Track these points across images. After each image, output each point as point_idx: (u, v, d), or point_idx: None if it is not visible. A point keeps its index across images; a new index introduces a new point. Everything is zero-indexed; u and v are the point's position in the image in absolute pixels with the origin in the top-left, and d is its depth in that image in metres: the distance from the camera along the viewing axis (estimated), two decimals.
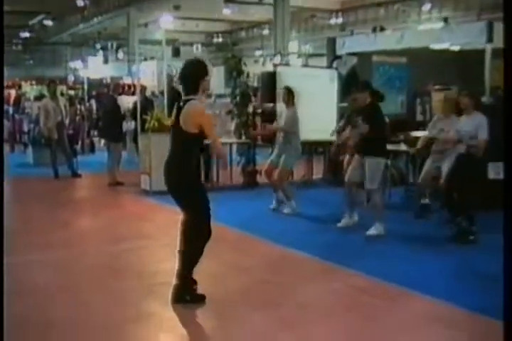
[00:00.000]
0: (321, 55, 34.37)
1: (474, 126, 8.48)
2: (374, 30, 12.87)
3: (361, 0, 31.97)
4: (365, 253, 7.98)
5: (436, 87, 13.13)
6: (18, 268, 7.05)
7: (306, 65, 17.54)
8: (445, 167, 9.43)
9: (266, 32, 35.31)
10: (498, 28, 11.01)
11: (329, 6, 32.91)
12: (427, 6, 29.39)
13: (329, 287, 6.57)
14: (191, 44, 35.40)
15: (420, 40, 12.50)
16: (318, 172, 14.30)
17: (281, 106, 11.24)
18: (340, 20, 33.61)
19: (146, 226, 9.67)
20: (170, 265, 6.62)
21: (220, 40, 41.85)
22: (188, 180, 5.86)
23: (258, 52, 32.85)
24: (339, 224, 9.29)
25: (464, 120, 8.78)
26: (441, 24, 24.38)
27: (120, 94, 14.31)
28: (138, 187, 12.56)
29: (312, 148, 13.99)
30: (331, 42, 14.17)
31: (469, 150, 8.50)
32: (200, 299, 5.86)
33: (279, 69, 13.41)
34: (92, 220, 10.30)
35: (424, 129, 11.71)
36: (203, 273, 6.00)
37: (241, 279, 6.58)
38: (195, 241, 5.90)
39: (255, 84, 16.18)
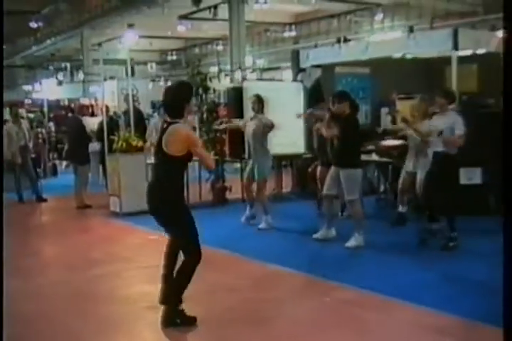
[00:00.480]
0: (276, 68, 34.55)
1: (450, 123, 8.47)
2: (338, 41, 12.83)
3: (314, 12, 32.05)
4: (348, 265, 7.94)
5: (400, 96, 13.18)
6: None
7: (272, 79, 17.55)
8: (420, 172, 9.48)
9: (220, 48, 35.25)
10: (463, 34, 11.14)
11: (282, 19, 32.96)
12: (379, 16, 29.55)
13: (318, 301, 6.50)
14: (145, 63, 35.13)
15: (385, 49, 12.54)
16: (286, 185, 14.21)
17: (246, 119, 11.21)
18: (293, 33, 33.69)
19: (120, 248, 9.49)
20: (151, 288, 6.53)
21: (175, 57, 41.73)
22: (173, 201, 5.70)
23: (212, 69, 32.70)
24: (315, 235, 9.22)
25: (438, 119, 8.75)
26: (396, 33, 24.69)
27: (84, 115, 14.02)
28: (107, 209, 12.34)
29: (280, 162, 13.91)
30: (295, 55, 14.18)
31: (446, 149, 8.47)
32: (192, 321, 5.73)
33: (245, 84, 13.35)
34: (64, 245, 10.02)
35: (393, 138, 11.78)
36: (187, 295, 5.83)
37: (228, 299, 6.46)
38: (186, 266, 5.75)
39: (218, 100, 16.06)
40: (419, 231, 8.80)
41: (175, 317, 5.70)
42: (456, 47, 10.99)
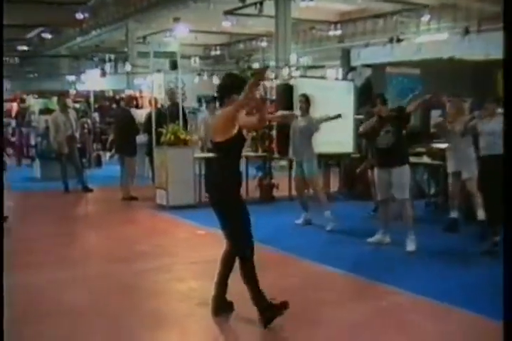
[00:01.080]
0: (320, 66, 34.39)
1: (497, 127, 8.34)
2: (390, 40, 12.71)
3: (360, 11, 31.84)
4: (401, 269, 7.78)
5: (450, 98, 13.00)
6: (41, 287, 6.86)
7: (323, 77, 17.40)
8: (465, 173, 9.40)
9: (264, 44, 35.20)
10: None
11: (328, 17, 32.81)
12: (426, 17, 29.25)
13: (374, 305, 6.35)
14: (189, 57, 35.16)
15: (438, 50, 12.39)
16: (333, 185, 14.08)
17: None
18: (338, 31, 33.51)
19: (167, 242, 9.45)
20: (200, 284, 6.53)
21: (218, 52, 41.75)
22: (228, 193, 5.60)
23: (256, 65, 32.63)
24: (370, 239, 9.06)
25: (488, 122, 8.75)
26: (443, 35, 24.45)
27: (131, 107, 14.01)
28: (153, 201, 12.32)
29: (327, 161, 13.77)
30: (346, 54, 14.08)
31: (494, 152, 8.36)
32: (285, 305, 5.65)
33: (295, 81, 13.25)
34: (110, 236, 9.98)
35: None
36: (241, 296, 5.73)
37: (289, 298, 6.33)
38: (244, 267, 5.66)
39: (265, 96, 15.94)
40: (486, 244, 8.59)
41: (272, 313, 5.59)
42: None
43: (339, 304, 6.41)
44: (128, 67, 27.18)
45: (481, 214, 9.45)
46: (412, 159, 10.56)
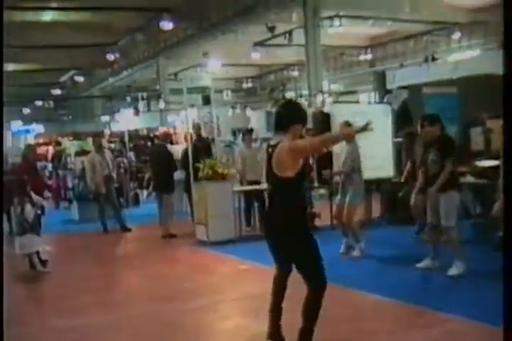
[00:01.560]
0: (352, 92, 34.22)
1: None
2: (426, 60, 12.48)
3: (389, 34, 31.67)
4: (452, 295, 7.51)
5: (490, 115, 12.72)
6: (86, 331, 6.70)
7: (358, 102, 17.15)
8: None
9: (295, 73, 35.15)
10: None
11: (358, 42, 32.72)
12: (456, 35, 28.97)
13: (428, 334, 6.10)
14: (220, 91, 35.28)
15: (475, 67, 12.11)
16: (375, 210, 13.75)
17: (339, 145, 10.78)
18: (369, 56, 33.38)
19: (210, 279, 9.20)
20: (249, 321, 6.44)
21: (250, 85, 41.80)
22: (296, 227, 5.36)
23: (288, 94, 32.56)
24: (419, 265, 8.78)
25: None
26: (474, 52, 24.13)
27: (171, 143, 13.91)
28: (193, 238, 12.11)
29: (369, 186, 13.47)
30: (381, 77, 13.86)
31: None
32: None
33: (332, 107, 13.05)
34: (152, 275, 9.76)
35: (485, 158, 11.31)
36: (291, 327, 5.48)
37: (336, 330, 6.04)
38: (314, 298, 5.41)
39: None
40: None
41: None
42: None
43: (393, 334, 6.16)
44: (162, 105, 27.28)
45: None
46: None
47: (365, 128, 5.19)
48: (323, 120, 12.49)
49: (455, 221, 8.46)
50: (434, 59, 12.61)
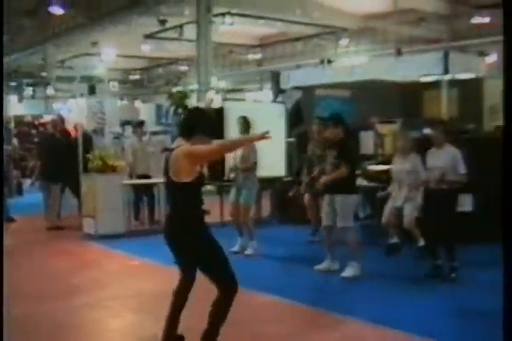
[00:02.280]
0: (239, 90, 34.33)
1: (449, 160, 8.15)
2: (322, 62, 12.60)
3: (279, 35, 31.98)
4: (350, 296, 7.55)
5: (380, 120, 12.97)
6: None
7: (255, 100, 17.13)
8: (407, 209, 9.16)
9: (184, 68, 35.02)
10: (453, 58, 10.97)
11: (248, 41, 32.88)
12: (345, 40, 29.62)
13: (328, 336, 6.10)
14: (108, 81, 34.62)
15: (372, 72, 12.31)
16: (265, 209, 13.78)
17: None
18: (258, 55, 33.61)
19: (100, 275, 8.91)
20: (140, 318, 6.36)
21: (137, 77, 41.29)
22: (192, 231, 5.19)
23: (173, 89, 32.38)
24: (318, 267, 8.74)
25: (435, 155, 8.38)
26: (361, 58, 24.67)
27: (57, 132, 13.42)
28: (80, 231, 11.79)
29: (261, 186, 13.48)
30: (275, 76, 13.90)
31: (442, 186, 8.13)
32: None
33: (226, 104, 12.95)
34: (38, 270, 9.34)
35: (375, 163, 11.51)
36: (187, 330, 5.38)
37: (235, 333, 5.87)
38: (223, 302, 5.28)
39: None
40: (427, 267, 8.44)
41: None
42: (446, 71, 10.80)
43: (293, 336, 6.08)
44: (51, 91, 26.52)
45: (419, 242, 9.35)
46: None
47: (263, 137, 5.08)
48: (216, 116, 12.37)
49: (352, 221, 8.54)
50: (329, 62, 12.69)
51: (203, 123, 5.27)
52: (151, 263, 9.34)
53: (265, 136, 5.01)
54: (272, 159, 12.58)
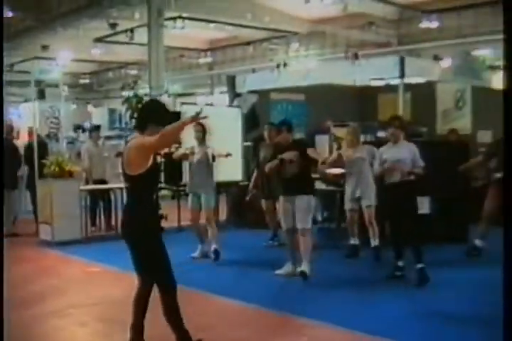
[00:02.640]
0: (190, 94, 34.20)
1: (407, 153, 8.25)
2: (278, 66, 12.62)
3: (229, 39, 31.95)
4: (315, 300, 7.52)
5: (335, 123, 13.10)
6: None
7: (211, 104, 17.04)
8: (365, 200, 9.36)
9: (134, 72, 34.76)
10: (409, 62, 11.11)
11: (198, 45, 32.76)
12: (295, 45, 29.75)
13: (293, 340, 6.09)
14: (56, 85, 34.17)
15: (327, 75, 12.39)
16: (222, 213, 13.75)
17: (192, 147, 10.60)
18: (209, 59, 33.52)
19: (58, 282, 8.74)
20: (104, 327, 6.31)
21: (87, 81, 40.81)
22: (142, 229, 5.18)
23: (127, 93, 32.11)
24: (279, 271, 8.72)
25: (392, 149, 8.40)
26: (314, 62, 24.82)
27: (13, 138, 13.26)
28: (36, 237, 11.64)
29: (218, 190, 13.46)
30: (231, 80, 13.90)
31: (406, 178, 8.22)
32: None
33: (183, 108, 12.89)
34: None
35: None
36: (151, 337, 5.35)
37: (205, 338, 5.87)
38: (168, 304, 5.25)
39: None
40: (391, 268, 8.52)
41: None
42: (402, 74, 10.92)
43: None
44: None
45: (374, 242, 9.53)
46: None
47: (197, 116, 5.08)
48: (173, 120, 12.31)
49: (311, 224, 8.56)
50: (285, 65, 12.74)
51: (156, 114, 5.30)
52: (110, 270, 9.26)
53: (199, 117, 5.02)
54: (229, 163, 12.57)
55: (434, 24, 21.02)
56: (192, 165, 10.05)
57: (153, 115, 5.28)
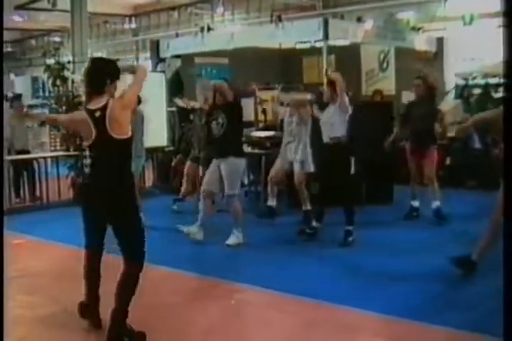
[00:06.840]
0: (115, 60, 33.75)
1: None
2: (202, 30, 12.48)
3: (154, 4, 31.53)
4: (237, 264, 7.67)
5: (260, 86, 13.07)
6: None
7: None
8: (297, 165, 9.28)
9: (57, 39, 34.10)
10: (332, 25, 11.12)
11: (122, 11, 32.25)
12: (220, 9, 29.53)
13: (226, 304, 6.14)
14: None
15: (252, 39, 12.32)
16: (148, 179, 13.64)
17: None
18: (133, 25, 33.07)
19: None
20: (35, 299, 6.22)
21: (10, 49, 39.92)
22: (129, 194, 5.12)
23: (49, 61, 31.51)
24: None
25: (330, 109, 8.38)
26: (239, 26, 24.71)
27: None
28: None
29: None
30: (155, 45, 13.73)
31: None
32: (141, 337, 5.08)
33: None
34: None
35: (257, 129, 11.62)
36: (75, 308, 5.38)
37: (131, 305, 5.78)
38: (132, 274, 5.21)
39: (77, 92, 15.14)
40: (303, 228, 8.60)
41: (123, 336, 5.05)
42: (326, 37, 10.92)
43: (188, 307, 6.07)
44: None
45: (305, 206, 9.48)
46: None
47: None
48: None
49: (238, 189, 8.49)
50: (209, 29, 12.63)
51: (110, 70, 5.19)
52: (35, 241, 9.05)
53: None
54: (154, 129, 12.45)
55: None
56: None
57: (109, 73, 5.15)
